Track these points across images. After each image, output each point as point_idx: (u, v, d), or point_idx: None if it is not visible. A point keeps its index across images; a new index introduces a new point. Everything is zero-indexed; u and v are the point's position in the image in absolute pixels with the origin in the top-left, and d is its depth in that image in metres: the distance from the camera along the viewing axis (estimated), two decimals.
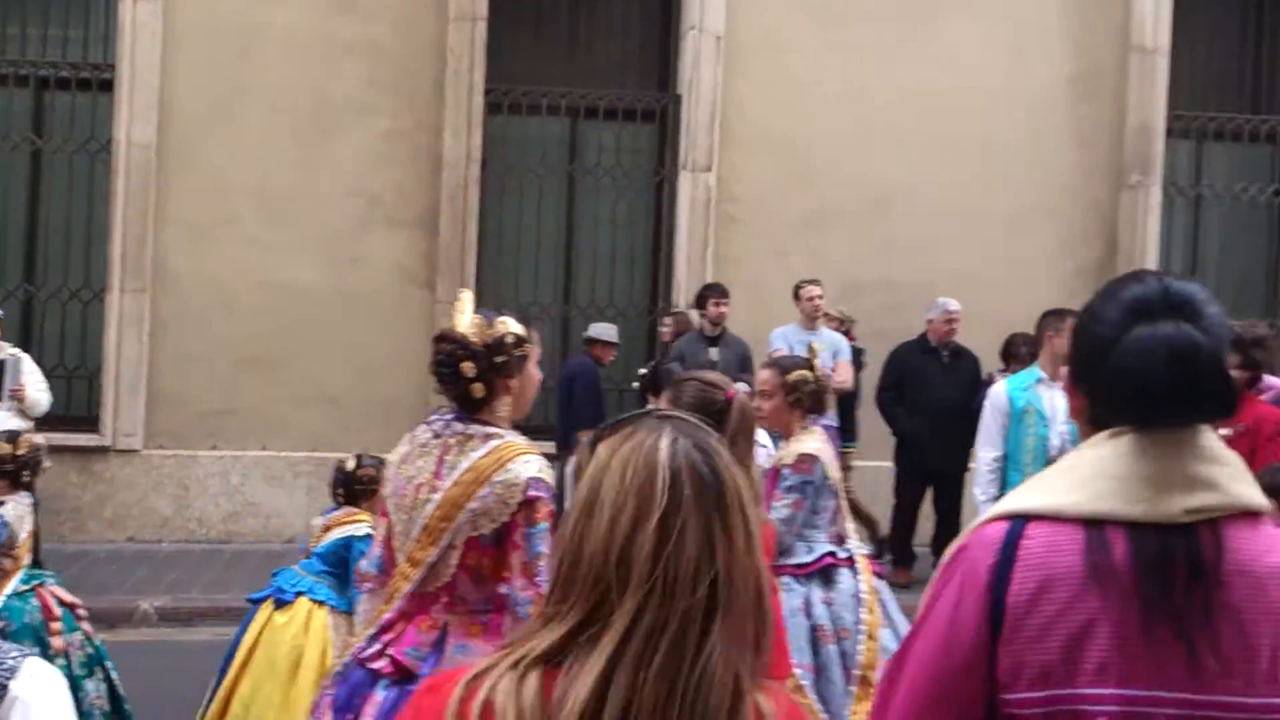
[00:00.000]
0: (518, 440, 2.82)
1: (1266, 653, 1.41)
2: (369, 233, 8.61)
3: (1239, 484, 1.46)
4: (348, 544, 4.35)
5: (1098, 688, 1.39)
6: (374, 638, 2.87)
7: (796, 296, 8.08)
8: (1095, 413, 1.52)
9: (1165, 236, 9.26)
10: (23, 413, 6.80)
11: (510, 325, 2.84)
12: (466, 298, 2.91)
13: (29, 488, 4.27)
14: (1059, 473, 1.50)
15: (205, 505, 8.31)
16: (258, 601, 4.37)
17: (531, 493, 2.72)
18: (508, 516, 2.74)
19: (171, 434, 8.36)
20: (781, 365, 4.42)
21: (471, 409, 2.84)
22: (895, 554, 7.84)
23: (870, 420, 8.12)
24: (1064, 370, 1.60)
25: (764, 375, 4.49)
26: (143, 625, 6.83)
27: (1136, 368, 1.45)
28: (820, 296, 8.00)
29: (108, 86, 8.48)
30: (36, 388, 6.92)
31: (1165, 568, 1.41)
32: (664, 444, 1.28)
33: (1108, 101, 9.13)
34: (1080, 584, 1.41)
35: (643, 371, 6.09)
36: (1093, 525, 1.43)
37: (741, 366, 7.48)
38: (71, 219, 8.60)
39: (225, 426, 8.40)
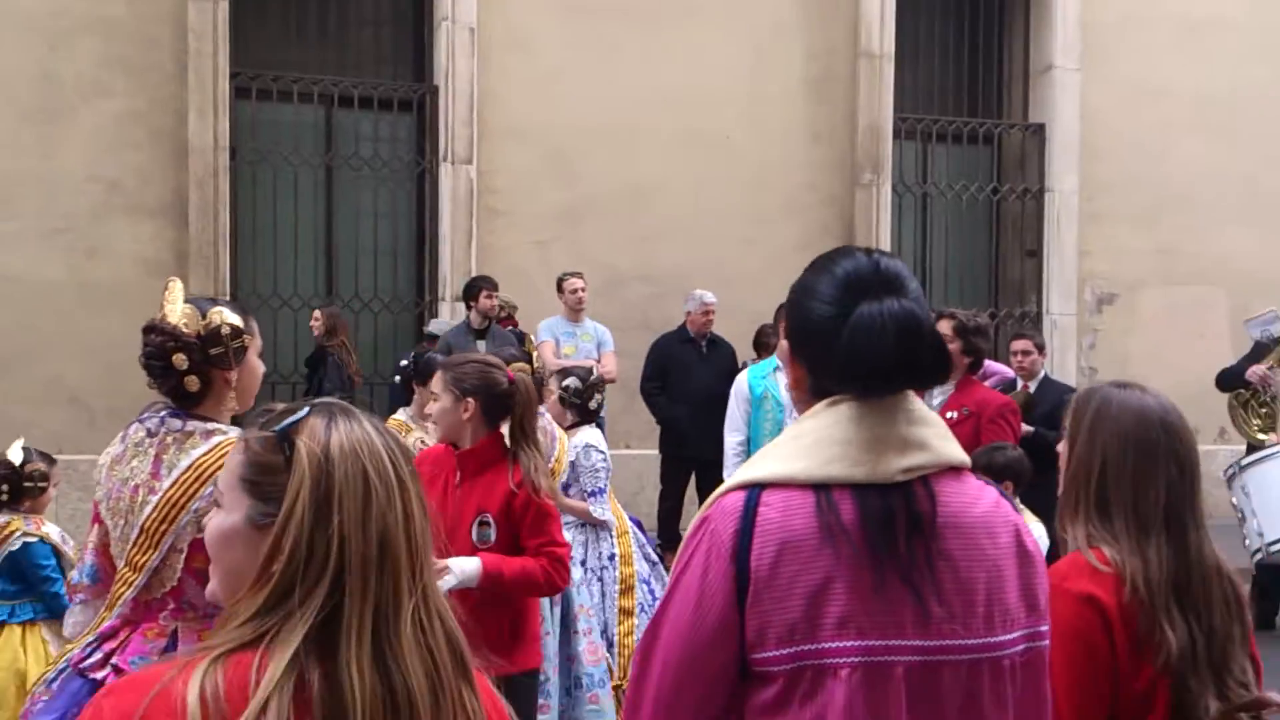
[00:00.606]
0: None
1: (982, 597, 1.53)
2: (109, 221, 8.12)
3: (945, 442, 1.58)
4: (19, 555, 4.14)
5: (839, 640, 1.48)
6: (94, 645, 2.71)
7: (560, 289, 8.23)
8: (817, 383, 1.59)
9: (896, 232, 9.93)
10: None
11: (226, 315, 2.72)
12: (176, 286, 2.77)
13: None
14: (786, 441, 1.58)
15: None
16: None
17: None
18: None
19: None
20: (501, 358, 4.54)
21: (187, 404, 2.71)
22: (662, 538, 8.13)
23: (636, 409, 8.37)
24: (782, 344, 1.68)
25: None
26: None
27: (867, 342, 1.52)
28: (583, 288, 8.17)
29: None
30: None
31: (889, 523, 1.50)
32: (370, 428, 1.32)
33: (841, 104, 9.68)
34: (815, 545, 1.49)
35: (404, 363, 6.07)
36: (821, 489, 1.52)
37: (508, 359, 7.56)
38: None
39: None
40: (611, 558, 5.01)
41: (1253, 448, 6.63)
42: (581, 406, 5.11)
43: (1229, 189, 10.26)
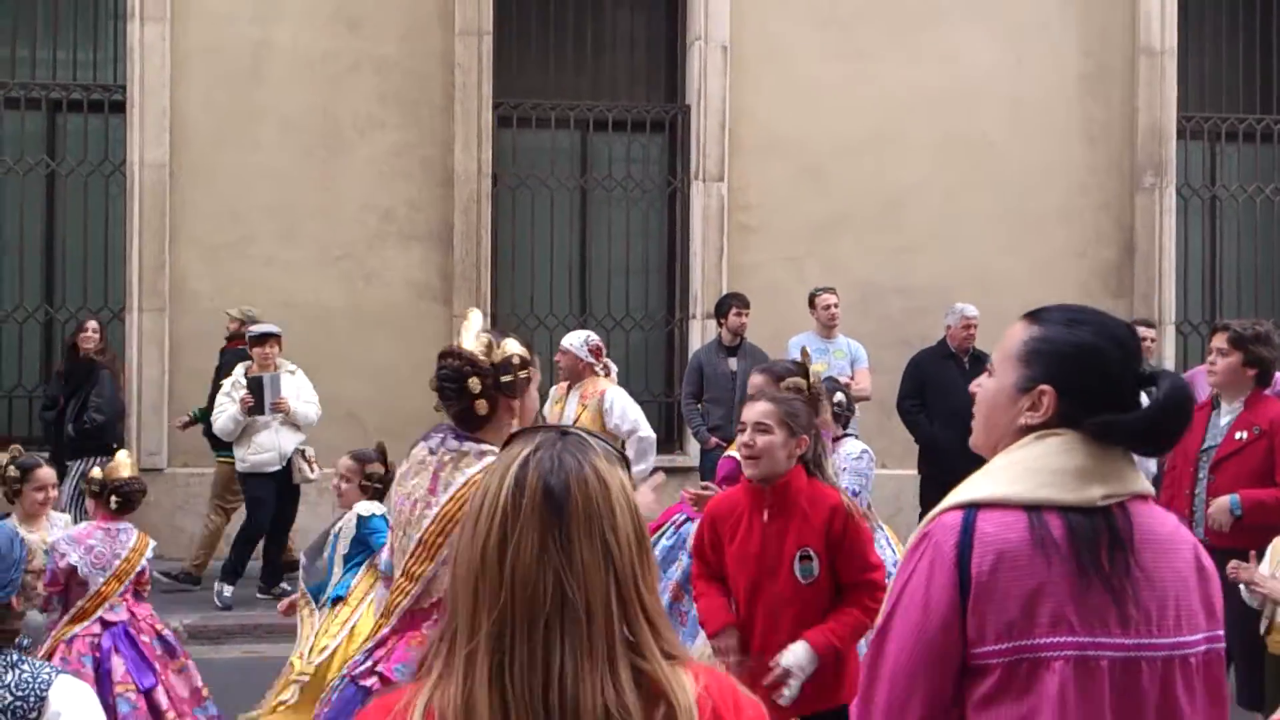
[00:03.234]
0: None
1: (1171, 603, 1.77)
2: (383, 248, 8.60)
3: (1134, 473, 1.82)
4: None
5: (1053, 636, 1.71)
6: (369, 653, 2.87)
7: (812, 304, 8.07)
8: (1067, 422, 1.81)
9: (1182, 237, 9.25)
10: (295, 425, 7.39)
11: (517, 347, 2.87)
12: (475, 316, 2.92)
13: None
14: (999, 469, 1.81)
15: (232, 522, 8.26)
16: None
17: None
18: None
19: (195, 451, 8.30)
20: (774, 374, 4.35)
21: (472, 426, 2.83)
22: None
23: (893, 427, 8.07)
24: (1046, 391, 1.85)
25: (756, 380, 4.43)
26: None
27: (1185, 410, 1.83)
28: (836, 304, 7.98)
29: (119, 108, 8.49)
30: (302, 400, 7.43)
31: (1094, 540, 1.74)
32: (521, 456, 1.29)
33: (1117, 102, 9.14)
34: (1029, 555, 1.73)
35: None
36: (1033, 509, 1.75)
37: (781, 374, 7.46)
38: (88, 240, 8.62)
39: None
40: (895, 563, 4.87)
41: None
42: (846, 419, 5.21)
43: None
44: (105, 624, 4.36)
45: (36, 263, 8.63)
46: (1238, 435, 4.89)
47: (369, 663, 2.84)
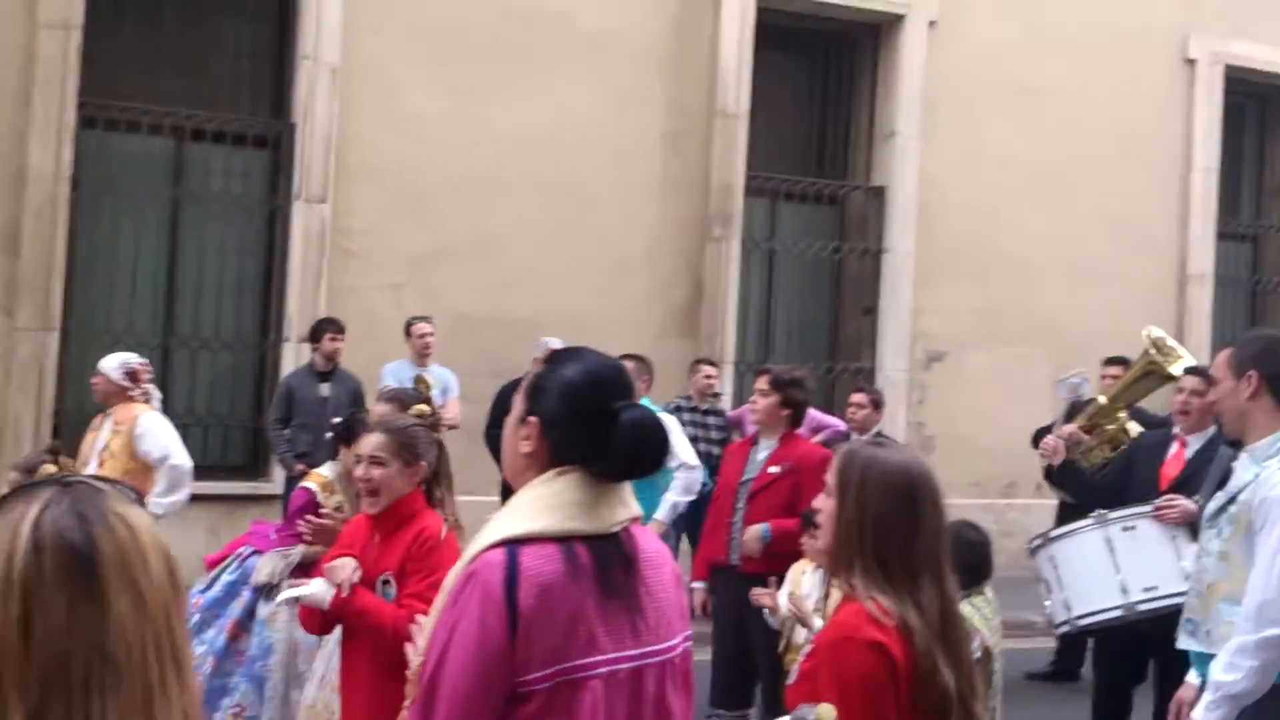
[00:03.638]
0: None
1: (665, 612, 2.04)
2: None
3: (631, 499, 2.06)
4: None
5: (588, 657, 1.90)
6: None
7: (408, 333, 8.24)
8: (557, 459, 1.99)
9: (744, 286, 10.17)
10: None
11: None
12: None
13: None
14: (522, 505, 1.98)
15: None
16: None
17: None
18: None
19: None
20: (401, 401, 4.41)
21: None
22: None
23: (480, 456, 8.41)
24: (530, 420, 2.04)
25: (381, 409, 4.49)
26: None
27: (647, 440, 2.01)
28: (431, 334, 8.20)
29: None
30: None
31: (612, 563, 1.97)
32: (31, 514, 1.17)
33: (696, 159, 9.89)
34: (564, 583, 1.91)
35: (337, 420, 5.65)
36: (564, 540, 1.93)
37: (354, 402, 7.54)
38: None
39: None
40: None
41: (1062, 517, 6.75)
42: None
43: (1055, 254, 10.80)
44: None
45: None
46: (771, 469, 5.36)
47: None
